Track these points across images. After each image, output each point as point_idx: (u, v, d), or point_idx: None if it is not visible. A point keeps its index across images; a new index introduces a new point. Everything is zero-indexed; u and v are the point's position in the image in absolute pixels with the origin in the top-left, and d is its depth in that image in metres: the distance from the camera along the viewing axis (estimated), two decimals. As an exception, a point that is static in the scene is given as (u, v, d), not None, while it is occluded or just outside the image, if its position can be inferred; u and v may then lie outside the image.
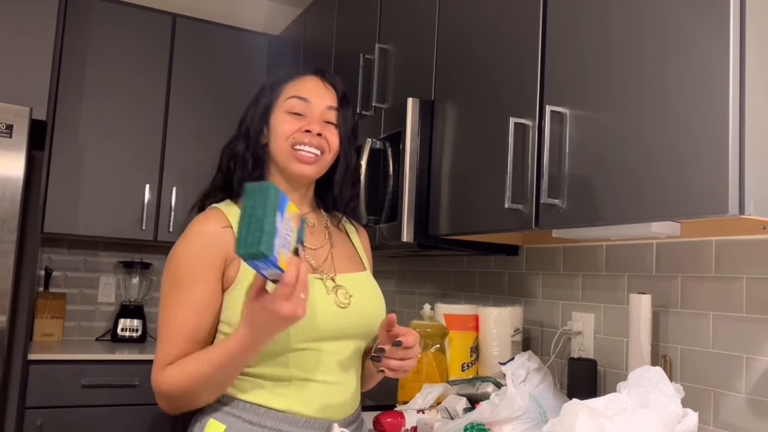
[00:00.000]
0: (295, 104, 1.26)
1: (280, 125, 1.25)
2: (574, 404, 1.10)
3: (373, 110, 2.23)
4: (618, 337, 1.71)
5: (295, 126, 1.25)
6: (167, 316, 1.18)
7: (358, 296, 1.26)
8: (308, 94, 1.27)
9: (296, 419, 1.18)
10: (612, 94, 1.31)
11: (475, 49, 1.75)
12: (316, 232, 1.32)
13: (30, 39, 2.73)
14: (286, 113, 1.26)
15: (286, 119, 1.26)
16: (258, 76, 3.38)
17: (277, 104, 1.28)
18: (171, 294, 1.18)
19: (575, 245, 1.88)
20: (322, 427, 1.19)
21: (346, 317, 1.23)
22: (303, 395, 1.19)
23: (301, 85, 1.29)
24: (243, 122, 1.31)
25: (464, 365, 1.95)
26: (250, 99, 1.34)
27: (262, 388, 1.18)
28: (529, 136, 1.51)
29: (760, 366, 1.38)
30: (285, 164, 1.25)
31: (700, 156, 1.11)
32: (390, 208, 1.92)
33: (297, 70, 1.33)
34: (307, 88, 1.28)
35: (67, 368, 2.66)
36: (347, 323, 1.23)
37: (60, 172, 2.94)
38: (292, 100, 1.27)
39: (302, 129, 1.25)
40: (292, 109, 1.26)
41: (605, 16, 1.34)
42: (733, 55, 1.08)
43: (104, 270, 3.32)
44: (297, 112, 1.26)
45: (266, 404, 1.17)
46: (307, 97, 1.27)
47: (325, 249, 1.30)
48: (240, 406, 1.18)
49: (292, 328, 1.13)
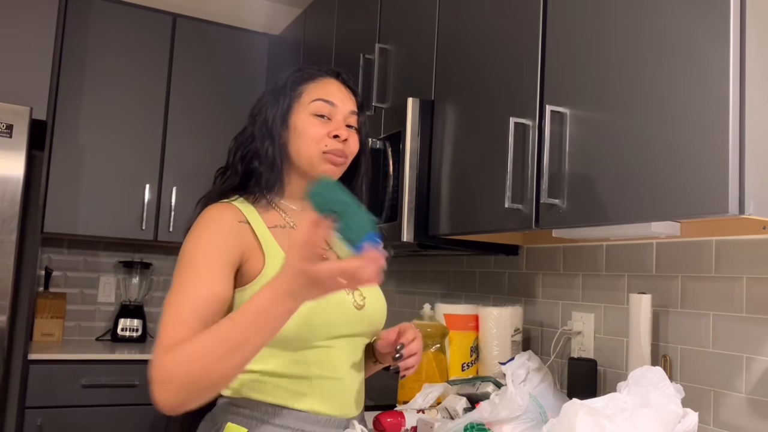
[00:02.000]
0: (320, 107, 1.26)
1: (307, 128, 1.25)
2: (574, 404, 1.10)
3: (373, 110, 2.23)
4: (618, 337, 1.71)
5: (323, 130, 1.25)
6: (177, 298, 1.08)
7: (370, 297, 1.28)
8: (333, 97, 1.28)
9: (318, 418, 1.18)
10: (612, 93, 1.31)
11: (475, 49, 1.75)
12: None
13: (30, 39, 2.73)
14: (312, 116, 1.26)
15: (312, 122, 1.25)
16: (258, 76, 3.38)
17: (299, 105, 1.27)
18: (183, 275, 1.11)
19: (575, 245, 1.88)
20: (341, 424, 1.21)
21: (362, 317, 1.25)
22: (322, 393, 1.19)
23: (324, 88, 1.29)
24: (262, 121, 1.27)
25: (464, 365, 1.95)
26: (265, 96, 1.30)
27: (282, 389, 1.17)
28: (529, 136, 1.51)
29: (760, 366, 1.38)
30: (313, 166, 1.25)
31: (700, 156, 1.11)
32: (390, 208, 1.92)
33: (316, 70, 1.32)
34: (330, 92, 1.28)
35: (67, 368, 2.66)
36: (363, 323, 1.25)
37: (60, 172, 2.94)
38: (318, 102, 1.26)
39: (330, 134, 1.25)
40: (318, 112, 1.26)
41: (605, 16, 1.34)
42: (734, 54, 1.08)
43: (104, 270, 3.32)
44: (323, 114, 1.26)
45: (287, 405, 1.17)
46: (333, 101, 1.27)
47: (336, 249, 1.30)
48: (260, 408, 1.16)
49: (315, 326, 1.15)
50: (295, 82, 1.29)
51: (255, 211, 1.24)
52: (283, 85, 1.29)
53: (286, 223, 1.26)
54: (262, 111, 1.28)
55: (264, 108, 1.29)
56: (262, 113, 1.28)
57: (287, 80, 1.30)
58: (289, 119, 1.26)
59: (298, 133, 1.25)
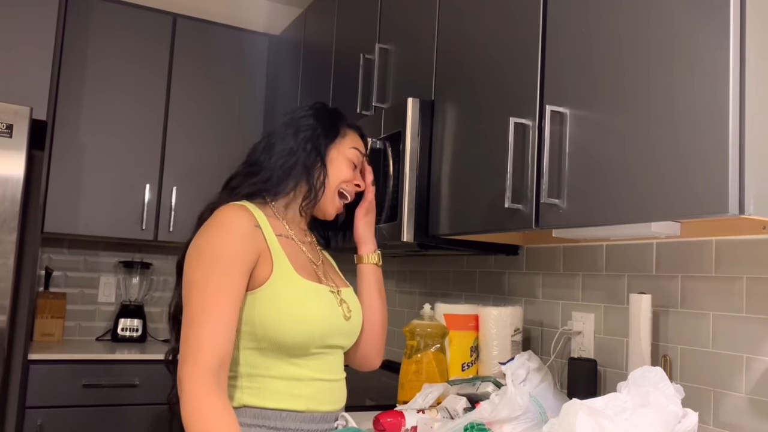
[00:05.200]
0: (356, 156, 1.43)
1: (342, 167, 1.39)
2: (574, 404, 1.10)
3: (373, 110, 2.23)
4: (618, 337, 1.71)
5: (352, 176, 1.41)
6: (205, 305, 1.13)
7: (354, 310, 1.39)
8: (363, 152, 1.46)
9: (314, 416, 1.28)
10: (612, 94, 1.31)
11: (475, 49, 1.75)
12: (312, 247, 1.43)
13: (30, 39, 2.73)
14: (349, 160, 1.41)
15: (348, 165, 1.41)
16: (258, 76, 3.38)
17: (341, 145, 1.41)
18: (208, 281, 1.15)
19: (575, 245, 1.88)
20: (333, 418, 1.33)
21: (350, 328, 1.36)
22: (317, 394, 1.28)
23: (359, 141, 1.46)
24: (311, 142, 1.37)
25: (464, 365, 1.95)
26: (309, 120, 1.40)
27: (281, 393, 1.24)
28: (529, 136, 1.51)
29: (760, 366, 1.38)
30: (324, 203, 1.38)
31: (700, 156, 1.11)
32: (390, 208, 1.92)
33: (353, 122, 1.50)
34: (362, 147, 1.46)
35: (67, 368, 2.66)
36: (350, 333, 1.37)
37: (60, 172, 2.94)
38: (355, 151, 1.43)
39: (354, 182, 1.42)
40: (354, 159, 1.42)
41: (605, 16, 1.34)
42: (733, 54, 1.08)
43: (104, 270, 3.32)
44: (355, 164, 1.42)
45: (287, 407, 1.24)
46: (363, 156, 1.45)
47: (323, 264, 1.41)
48: (263, 414, 1.22)
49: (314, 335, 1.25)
50: (344, 122, 1.45)
51: (264, 217, 1.30)
52: (333, 120, 1.42)
53: (288, 233, 1.34)
54: (310, 132, 1.38)
55: (313, 131, 1.38)
56: (309, 135, 1.37)
57: (336, 116, 1.44)
58: (328, 154, 1.38)
59: (332, 166, 1.38)
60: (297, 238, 1.36)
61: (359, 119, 2.22)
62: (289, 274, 1.25)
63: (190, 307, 1.14)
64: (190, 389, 1.07)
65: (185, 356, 1.10)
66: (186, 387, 1.07)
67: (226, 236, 1.19)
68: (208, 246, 1.19)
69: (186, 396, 1.07)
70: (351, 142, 1.43)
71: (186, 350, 1.10)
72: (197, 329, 1.11)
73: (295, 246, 1.33)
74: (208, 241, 1.20)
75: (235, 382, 1.23)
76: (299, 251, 1.34)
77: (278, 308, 1.21)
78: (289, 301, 1.23)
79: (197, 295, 1.14)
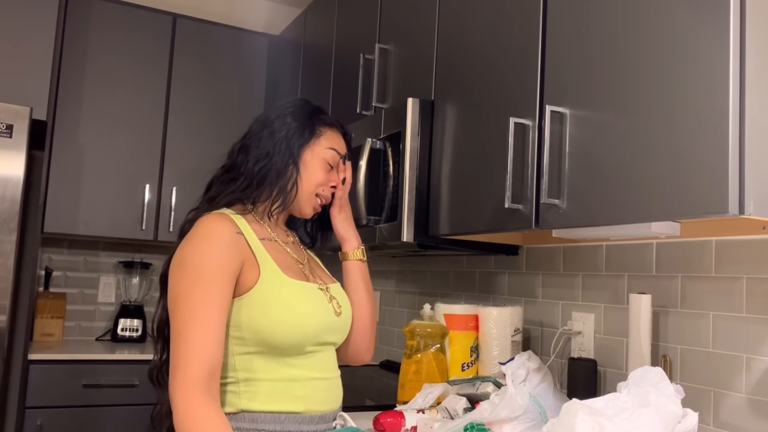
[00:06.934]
0: (333, 157, 1.39)
1: (316, 172, 1.36)
2: (574, 404, 1.10)
3: (373, 110, 2.23)
4: (618, 337, 1.71)
5: (327, 179, 1.38)
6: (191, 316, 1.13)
7: (344, 305, 1.39)
8: (342, 152, 1.41)
9: (312, 417, 1.26)
10: (612, 94, 1.31)
11: (475, 49, 1.75)
12: (296, 247, 1.42)
13: (30, 39, 2.73)
14: (325, 162, 1.37)
15: (323, 168, 1.37)
16: (258, 76, 3.38)
17: (316, 146, 1.37)
18: (193, 292, 1.15)
19: (575, 245, 1.88)
20: (331, 418, 1.31)
21: (341, 324, 1.36)
22: (315, 394, 1.27)
23: (338, 140, 1.41)
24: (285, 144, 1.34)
25: (464, 365, 1.95)
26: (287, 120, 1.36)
27: (279, 395, 1.23)
28: (529, 136, 1.51)
29: (760, 366, 1.38)
30: (300, 204, 1.36)
31: (700, 156, 1.11)
32: (390, 208, 1.92)
33: (335, 120, 1.43)
34: (341, 146, 1.42)
35: (67, 368, 2.66)
36: (342, 329, 1.36)
37: (60, 172, 2.94)
38: (332, 152, 1.39)
39: (330, 184, 1.39)
40: (330, 161, 1.38)
41: (605, 16, 1.34)
42: (733, 54, 1.08)
43: (104, 270, 3.32)
44: (331, 165, 1.39)
45: (286, 410, 1.23)
46: (342, 157, 1.41)
47: (308, 263, 1.41)
48: (261, 418, 1.21)
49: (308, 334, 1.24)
50: (321, 121, 1.40)
51: (246, 223, 1.30)
52: (309, 119, 1.38)
53: (271, 236, 1.34)
54: (284, 133, 1.35)
55: (287, 131, 1.35)
56: (284, 135, 1.34)
57: (313, 115, 1.39)
58: (303, 154, 1.35)
59: (305, 168, 1.35)
60: (280, 240, 1.36)
61: (359, 119, 2.22)
62: (277, 276, 1.25)
63: (177, 320, 1.15)
64: (182, 401, 1.08)
65: (175, 369, 1.11)
66: (178, 399, 1.08)
67: (208, 246, 1.19)
68: (191, 258, 1.18)
69: (178, 408, 1.08)
70: (327, 142, 1.38)
71: (176, 363, 1.11)
72: (185, 341, 1.12)
73: (280, 248, 1.33)
74: (190, 252, 1.19)
75: (233, 388, 1.22)
76: (284, 252, 1.33)
77: (270, 310, 1.21)
78: (280, 302, 1.22)
79: (183, 307, 1.15)
